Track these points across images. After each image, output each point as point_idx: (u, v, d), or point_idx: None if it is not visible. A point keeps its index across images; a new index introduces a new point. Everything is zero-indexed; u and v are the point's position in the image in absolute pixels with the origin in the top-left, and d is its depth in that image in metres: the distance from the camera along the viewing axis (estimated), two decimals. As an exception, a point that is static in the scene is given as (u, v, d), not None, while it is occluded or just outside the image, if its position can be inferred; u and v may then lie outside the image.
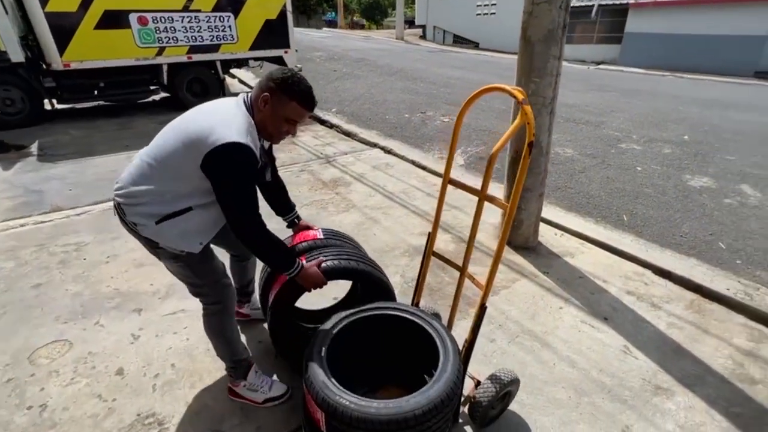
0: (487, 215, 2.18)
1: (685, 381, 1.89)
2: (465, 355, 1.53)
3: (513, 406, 1.73)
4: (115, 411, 1.69)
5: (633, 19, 16.84)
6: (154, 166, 1.37)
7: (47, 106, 6.39)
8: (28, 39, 5.95)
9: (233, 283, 2.07)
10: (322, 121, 6.63)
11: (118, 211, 1.44)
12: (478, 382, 1.64)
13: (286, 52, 7.88)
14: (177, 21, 6.52)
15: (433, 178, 4.33)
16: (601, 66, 16.64)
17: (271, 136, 1.46)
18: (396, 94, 8.20)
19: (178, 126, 1.38)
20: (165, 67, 6.76)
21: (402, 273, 2.67)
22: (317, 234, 1.80)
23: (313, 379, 1.29)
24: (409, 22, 30.21)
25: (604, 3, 17.42)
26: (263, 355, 2.00)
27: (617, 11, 17.37)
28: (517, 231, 2.91)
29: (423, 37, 27.09)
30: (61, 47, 5.78)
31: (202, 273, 1.55)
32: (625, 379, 1.89)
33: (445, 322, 1.75)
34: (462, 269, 1.58)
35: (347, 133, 5.97)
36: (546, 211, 3.18)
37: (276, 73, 1.37)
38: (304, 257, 1.63)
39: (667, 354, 2.05)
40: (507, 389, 1.58)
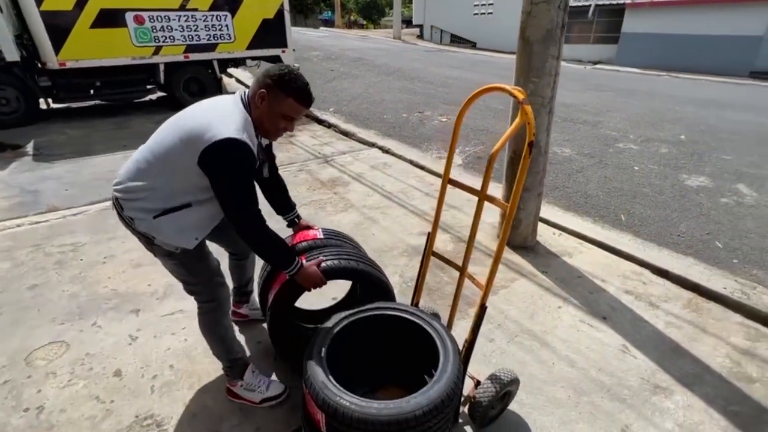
0: (485, 215, 2.17)
1: (684, 380, 1.90)
2: (465, 355, 1.53)
3: (512, 406, 1.73)
4: (113, 413, 1.68)
5: (629, 19, 16.91)
6: (152, 162, 1.37)
7: (43, 106, 6.34)
8: (23, 38, 5.90)
9: (232, 282, 2.09)
10: (319, 120, 6.62)
11: (117, 205, 1.44)
12: (477, 382, 1.64)
13: (283, 52, 7.87)
14: (174, 20, 6.50)
15: (431, 178, 4.33)
16: (597, 66, 16.70)
17: (268, 133, 1.46)
18: (394, 93, 8.19)
19: (176, 122, 1.38)
20: (162, 67, 6.74)
21: (401, 273, 2.67)
22: (317, 234, 1.80)
23: (313, 379, 1.28)
24: (407, 22, 30.23)
25: (601, 3, 17.48)
26: (263, 355, 2.00)
27: (614, 11, 17.43)
28: (516, 230, 2.91)
29: (420, 36, 27.10)
30: (57, 46, 5.75)
31: (196, 271, 1.55)
32: (624, 379, 1.90)
33: (444, 321, 1.74)
34: (462, 269, 1.58)
35: (345, 133, 5.96)
36: (544, 210, 3.19)
37: (273, 69, 1.36)
38: (304, 257, 1.63)
39: (666, 353, 2.06)
40: (507, 389, 1.58)
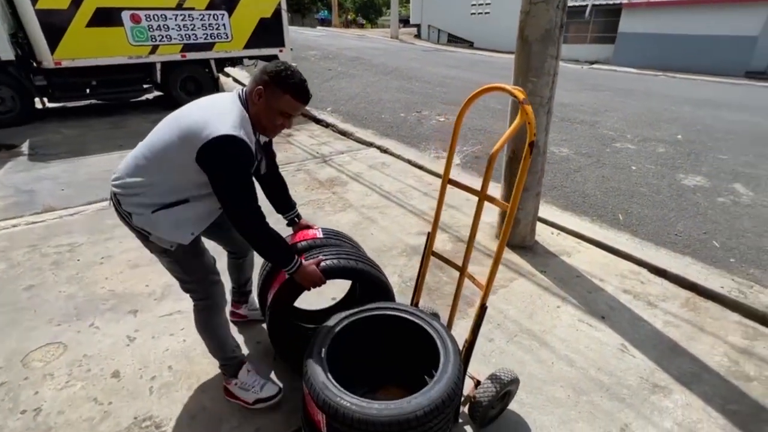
0: (484, 214, 2.15)
1: (682, 379, 1.90)
2: (465, 355, 1.53)
3: (512, 406, 1.73)
4: (111, 414, 1.67)
5: (626, 19, 16.96)
6: (150, 158, 1.38)
7: (38, 105, 6.30)
8: (18, 36, 5.86)
9: (231, 282, 2.09)
10: (317, 120, 6.60)
11: (114, 201, 1.45)
12: (477, 381, 1.64)
13: (281, 51, 7.84)
14: (170, 19, 6.46)
15: (429, 178, 4.33)
16: (594, 66, 16.75)
17: (266, 130, 1.46)
18: (391, 93, 8.19)
19: (174, 120, 1.39)
20: (158, 66, 6.71)
21: (400, 273, 2.66)
22: (317, 233, 1.79)
23: (314, 380, 1.28)
24: (404, 21, 30.17)
25: (598, 3, 17.53)
26: (262, 356, 1.99)
27: (610, 11, 17.48)
28: (515, 230, 2.91)
29: (418, 36, 27.09)
30: (52, 45, 5.71)
31: (191, 269, 1.56)
32: (623, 378, 1.90)
33: (443, 321, 1.74)
34: (462, 269, 1.58)
35: (343, 133, 5.95)
36: (542, 210, 3.19)
37: (270, 66, 1.37)
38: (303, 256, 1.62)
39: (664, 352, 2.06)
40: (507, 389, 1.58)
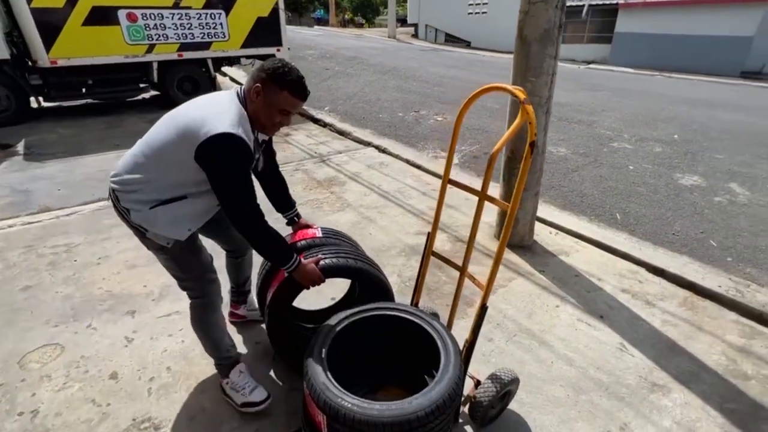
0: (482, 214, 2.14)
1: (681, 378, 1.91)
2: (466, 355, 1.53)
3: (512, 405, 1.73)
4: (109, 416, 1.66)
5: (623, 19, 17.02)
6: (149, 155, 1.39)
7: (34, 104, 6.26)
8: (13, 35, 5.81)
9: (230, 282, 2.08)
10: (315, 119, 6.59)
11: (113, 197, 1.46)
12: (478, 381, 1.64)
13: (278, 50, 7.83)
14: (167, 18, 6.43)
15: (427, 177, 4.33)
16: (591, 65, 16.80)
17: (265, 128, 1.46)
18: (389, 92, 8.18)
19: (173, 118, 1.40)
20: (155, 65, 6.67)
21: (399, 273, 2.66)
22: (316, 232, 1.79)
23: (314, 381, 1.27)
24: (401, 21, 30.13)
25: (594, 3, 17.59)
26: (261, 357, 1.98)
27: (607, 11, 17.54)
28: (513, 230, 2.92)
29: (415, 35, 27.08)
30: (48, 44, 5.66)
31: (187, 266, 1.56)
32: (622, 377, 1.91)
33: (443, 321, 1.74)
34: (462, 269, 1.58)
35: (341, 132, 5.94)
36: (541, 209, 3.20)
37: (267, 64, 1.38)
38: (303, 255, 1.62)
39: (663, 351, 2.07)
40: (507, 388, 1.58)
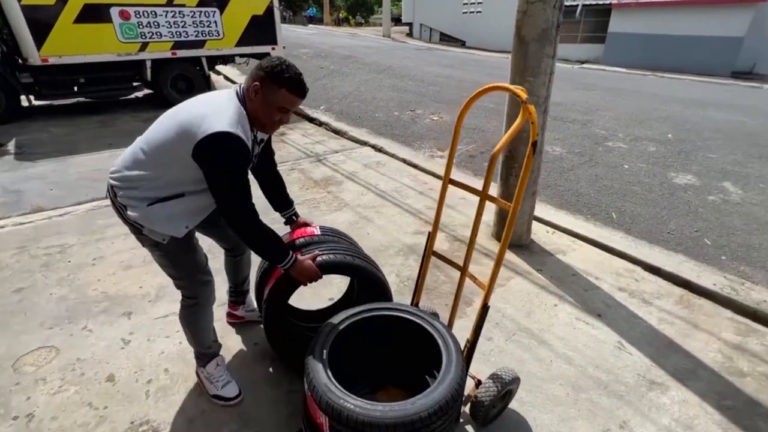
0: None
1: (678, 375, 1.93)
2: (467, 355, 1.53)
3: (512, 404, 1.73)
4: (106, 419, 1.64)
5: (616, 19, 17.14)
6: (148, 153, 1.40)
7: (24, 103, 6.16)
8: (3, 33, 5.72)
9: (228, 282, 2.08)
10: (310, 118, 6.56)
11: (111, 193, 1.46)
12: (478, 381, 1.64)
13: (273, 49, 7.77)
14: (161, 16, 6.36)
15: (424, 177, 4.32)
16: (585, 65, 16.90)
17: (264, 126, 1.46)
18: (385, 91, 8.17)
19: (172, 116, 1.40)
20: (148, 63, 6.59)
21: (397, 272, 2.66)
22: (314, 230, 1.78)
23: (316, 382, 1.26)
24: (396, 20, 30.09)
25: (588, 3, 17.68)
26: (260, 358, 1.96)
27: (600, 11, 17.65)
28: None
29: (410, 34, 27.09)
30: (39, 41, 5.57)
31: (181, 264, 1.56)
32: (621, 375, 1.92)
33: (443, 321, 1.74)
34: (463, 269, 1.58)
35: (337, 131, 5.92)
36: (538, 209, 3.21)
37: (265, 62, 1.38)
38: (300, 252, 1.62)
39: (660, 349, 2.09)
40: (508, 388, 1.59)
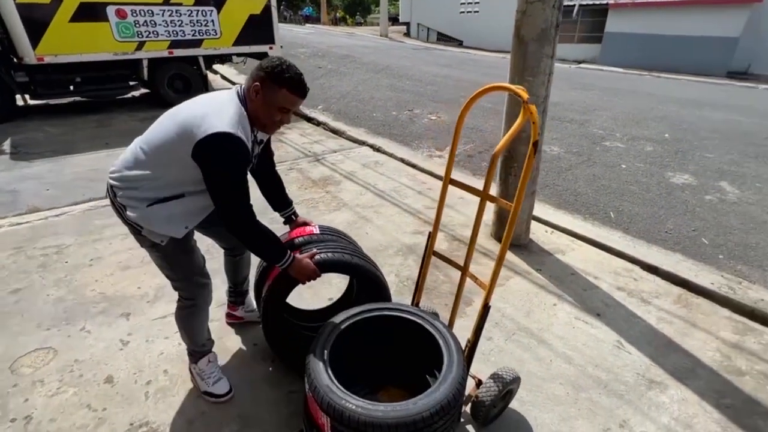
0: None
1: (677, 374, 1.94)
2: (468, 355, 1.53)
3: (512, 404, 1.73)
4: (105, 421, 1.63)
5: (612, 19, 17.19)
6: (148, 152, 1.39)
7: (20, 102, 6.12)
8: (-2, 31, 5.68)
9: (228, 282, 2.08)
10: (308, 118, 6.55)
11: (110, 193, 1.46)
12: (479, 381, 1.65)
13: (270, 48, 7.75)
14: (157, 15, 6.32)
15: (423, 176, 4.32)
16: (582, 65, 16.94)
17: (265, 126, 1.46)
18: (382, 91, 8.16)
19: (173, 116, 1.40)
20: (145, 62, 6.57)
21: (397, 272, 2.66)
22: (314, 229, 1.78)
23: (318, 383, 1.26)
24: (393, 19, 30.04)
25: (585, 3, 17.73)
26: (259, 358, 1.96)
27: (597, 11, 17.69)
28: (510, 229, 2.93)
29: (407, 34, 27.07)
30: (34, 40, 5.53)
31: (178, 266, 1.56)
32: (620, 374, 1.93)
33: (443, 321, 1.74)
34: (464, 269, 1.58)
35: (335, 131, 5.92)
36: (536, 208, 3.21)
37: (265, 62, 1.38)
38: (299, 251, 1.61)
39: (659, 348, 2.10)
40: (509, 388, 1.59)
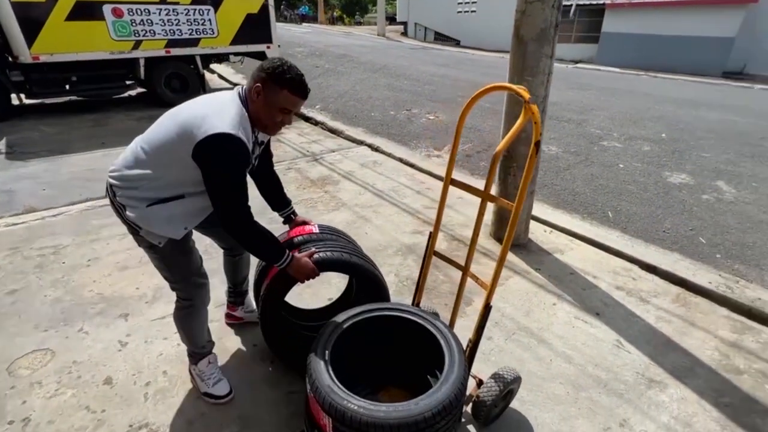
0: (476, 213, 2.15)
1: (676, 373, 1.94)
2: (469, 355, 1.53)
3: (513, 403, 1.74)
4: (104, 423, 1.62)
5: (609, 19, 17.25)
6: (148, 152, 1.38)
7: (15, 101, 6.08)
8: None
9: (227, 282, 2.07)
10: (306, 118, 6.54)
11: (110, 193, 1.45)
12: (480, 381, 1.65)
13: (268, 47, 7.73)
14: (154, 13, 6.30)
15: (421, 176, 4.32)
16: (579, 65, 16.98)
17: (267, 128, 1.46)
18: (380, 91, 8.15)
19: (173, 116, 1.39)
20: (142, 62, 6.53)
21: (396, 272, 2.65)
22: (313, 229, 1.78)
23: (319, 383, 1.25)
24: (390, 19, 30.00)
25: (582, 3, 17.78)
26: (258, 359, 1.95)
27: (594, 11, 17.74)
28: (509, 228, 2.93)
29: (404, 33, 27.07)
30: (30, 39, 5.50)
31: (176, 266, 1.55)
32: (620, 373, 1.93)
33: (444, 320, 1.74)
34: (464, 269, 1.58)
35: (333, 131, 5.91)
36: (535, 208, 3.22)
37: (266, 63, 1.38)
38: (298, 250, 1.61)
39: (658, 347, 2.10)
40: (510, 387, 1.59)
